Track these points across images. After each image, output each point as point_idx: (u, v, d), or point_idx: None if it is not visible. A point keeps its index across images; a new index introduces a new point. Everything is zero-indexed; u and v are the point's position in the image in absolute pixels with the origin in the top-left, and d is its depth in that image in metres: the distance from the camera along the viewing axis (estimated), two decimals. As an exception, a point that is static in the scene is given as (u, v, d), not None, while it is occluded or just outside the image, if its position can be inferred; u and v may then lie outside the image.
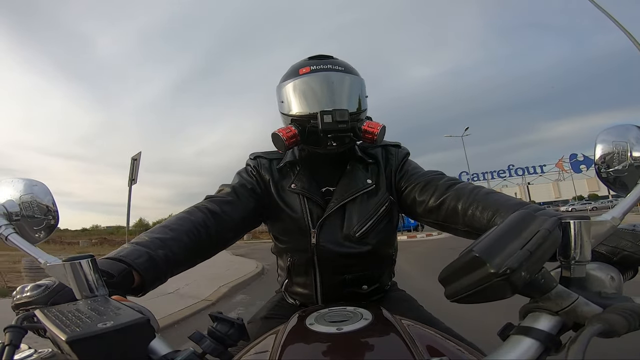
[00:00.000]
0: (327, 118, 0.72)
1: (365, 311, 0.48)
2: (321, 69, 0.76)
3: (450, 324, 0.70)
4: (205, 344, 0.34)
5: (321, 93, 0.76)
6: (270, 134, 0.76)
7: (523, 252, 0.28)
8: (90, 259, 0.37)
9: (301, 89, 0.77)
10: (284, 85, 0.79)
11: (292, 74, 0.79)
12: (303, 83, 0.77)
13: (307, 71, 0.77)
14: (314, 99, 0.76)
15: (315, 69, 0.77)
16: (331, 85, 0.76)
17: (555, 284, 0.32)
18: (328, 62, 0.78)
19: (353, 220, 0.74)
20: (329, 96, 0.76)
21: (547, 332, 0.32)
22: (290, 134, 0.74)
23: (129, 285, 0.50)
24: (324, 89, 0.76)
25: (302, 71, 0.77)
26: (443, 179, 0.73)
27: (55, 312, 0.31)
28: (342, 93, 0.77)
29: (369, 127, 0.74)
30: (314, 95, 0.76)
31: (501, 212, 0.59)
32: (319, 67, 0.77)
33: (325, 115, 0.72)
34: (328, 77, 0.76)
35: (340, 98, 0.76)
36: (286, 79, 0.80)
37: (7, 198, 0.47)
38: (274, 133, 0.75)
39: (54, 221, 0.49)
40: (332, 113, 0.72)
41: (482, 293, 0.29)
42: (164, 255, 0.56)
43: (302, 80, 0.77)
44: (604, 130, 0.45)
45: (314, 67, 0.77)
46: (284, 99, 0.80)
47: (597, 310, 0.32)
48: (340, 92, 0.77)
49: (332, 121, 0.71)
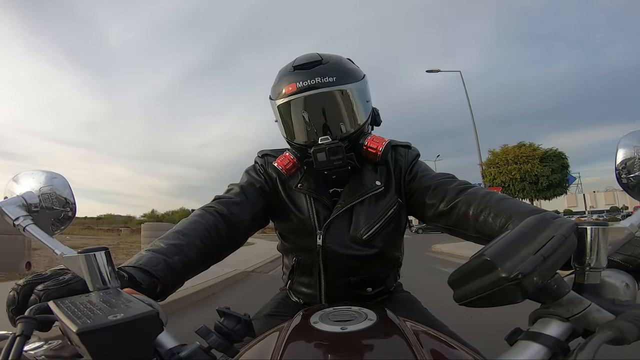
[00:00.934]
0: (320, 156, 0.68)
1: (370, 311, 0.48)
2: (307, 86, 0.68)
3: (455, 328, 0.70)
4: (212, 339, 0.35)
5: (311, 121, 0.71)
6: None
7: (536, 257, 0.28)
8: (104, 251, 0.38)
9: (289, 114, 0.73)
10: (273, 103, 0.74)
11: (279, 88, 0.72)
12: (290, 107, 0.72)
13: (292, 90, 0.69)
14: (303, 128, 0.72)
15: (302, 86, 0.68)
16: (319, 111, 0.70)
17: (567, 290, 0.31)
18: (315, 75, 0.68)
19: (360, 223, 0.73)
20: (319, 125, 0.71)
21: (556, 338, 0.32)
22: (289, 165, 0.74)
23: (153, 292, 0.51)
24: (314, 116, 0.70)
25: (288, 89, 0.69)
26: (454, 183, 0.71)
27: (68, 303, 0.32)
28: (335, 115, 0.71)
29: (373, 142, 0.72)
30: (303, 124, 0.72)
31: (514, 218, 0.58)
32: (305, 83, 0.68)
33: (318, 154, 0.68)
34: (315, 101, 0.69)
35: (333, 122, 0.71)
36: (275, 95, 0.74)
37: (26, 189, 0.48)
38: (271, 164, 0.75)
39: (71, 213, 0.50)
40: (325, 150, 0.68)
41: (491, 297, 0.29)
42: (180, 261, 0.56)
43: (289, 104, 0.71)
44: (627, 135, 0.43)
45: (300, 83, 0.68)
46: (276, 117, 0.77)
47: (609, 317, 0.31)
48: (333, 114, 0.71)
49: (326, 159, 0.68)
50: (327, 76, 0.68)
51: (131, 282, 0.47)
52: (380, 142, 0.72)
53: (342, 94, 0.70)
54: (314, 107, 0.70)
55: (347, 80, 0.70)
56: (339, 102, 0.70)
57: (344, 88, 0.69)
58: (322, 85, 0.68)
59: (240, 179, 0.82)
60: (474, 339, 0.60)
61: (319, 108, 0.70)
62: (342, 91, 0.69)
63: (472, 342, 0.56)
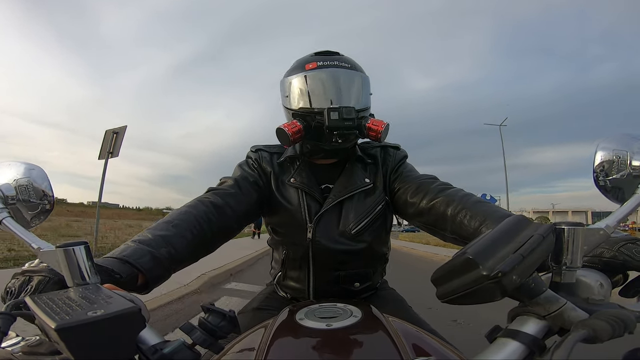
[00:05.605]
0: (333, 115, 0.72)
1: (355, 308, 0.48)
2: (328, 65, 0.77)
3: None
4: (196, 335, 0.34)
5: (328, 89, 0.76)
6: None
7: (516, 256, 0.28)
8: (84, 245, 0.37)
9: (307, 84, 0.77)
10: (290, 79, 0.79)
11: (298, 68, 0.79)
12: (309, 78, 0.77)
13: (313, 67, 0.77)
14: (320, 95, 0.76)
15: (322, 64, 0.77)
16: (338, 82, 0.76)
17: (544, 289, 0.32)
18: (335, 59, 0.78)
19: (350, 217, 0.75)
20: (335, 93, 0.76)
21: (533, 336, 0.33)
22: (295, 129, 0.74)
23: (134, 284, 0.50)
24: (331, 85, 0.76)
25: (309, 66, 0.77)
26: (435, 183, 0.74)
27: (46, 299, 0.31)
28: (349, 90, 0.77)
29: (374, 124, 0.74)
30: (320, 91, 0.76)
31: (488, 222, 0.60)
32: (325, 63, 0.77)
33: (332, 112, 0.72)
34: (335, 74, 0.76)
35: (346, 95, 0.76)
36: (292, 73, 0.80)
37: (4, 181, 0.47)
38: (279, 128, 0.74)
39: (49, 206, 0.49)
40: (339, 110, 0.72)
41: (472, 295, 0.29)
42: (167, 253, 0.56)
43: (309, 76, 0.77)
44: (605, 137, 0.44)
45: (321, 62, 0.77)
46: (288, 93, 0.80)
47: (583, 315, 0.32)
48: (347, 89, 0.77)
49: (339, 118, 0.72)
50: (344, 62, 0.78)
51: (112, 277, 0.46)
52: (380, 124, 0.74)
53: (356, 77, 0.78)
54: (332, 78, 0.77)
55: (360, 70, 0.80)
56: (354, 81, 0.78)
57: (358, 74, 0.79)
58: (341, 67, 0.77)
59: (233, 172, 0.83)
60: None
61: (337, 80, 0.77)
62: (356, 74, 0.78)
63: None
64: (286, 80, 0.80)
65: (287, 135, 0.73)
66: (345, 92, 0.76)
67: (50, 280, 0.37)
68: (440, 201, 0.69)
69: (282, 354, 0.40)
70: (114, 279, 0.46)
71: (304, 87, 0.77)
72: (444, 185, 0.74)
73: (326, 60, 0.77)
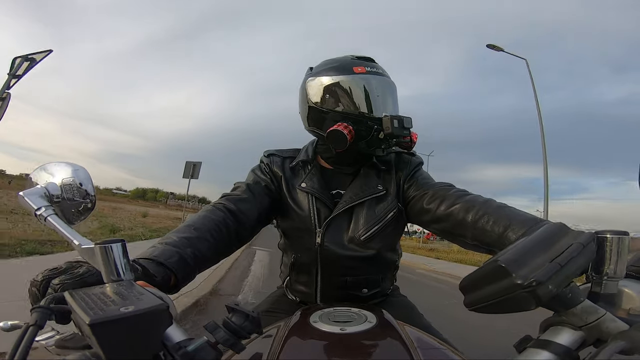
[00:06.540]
0: (396, 123, 0.72)
1: (370, 314, 0.48)
2: (375, 72, 0.77)
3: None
4: (219, 335, 0.35)
5: (383, 96, 0.77)
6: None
7: (553, 265, 0.27)
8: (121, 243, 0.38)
9: (362, 88, 0.76)
10: (335, 80, 0.76)
11: (342, 70, 0.77)
12: (364, 82, 0.76)
13: (362, 71, 0.76)
14: (376, 101, 0.76)
15: (370, 70, 0.77)
16: (387, 90, 0.78)
17: (582, 299, 0.31)
18: (377, 66, 0.79)
19: (360, 224, 0.75)
20: (390, 101, 0.78)
21: (567, 347, 0.31)
22: (352, 133, 0.73)
23: (167, 285, 0.52)
24: (386, 93, 0.77)
25: (358, 70, 0.76)
26: (453, 189, 0.72)
27: (82, 294, 0.32)
28: (395, 99, 0.79)
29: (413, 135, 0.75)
30: (376, 97, 0.76)
31: (513, 226, 0.57)
32: (373, 69, 0.77)
33: (395, 120, 0.72)
34: (386, 82, 0.78)
35: (395, 104, 0.79)
36: (336, 74, 0.77)
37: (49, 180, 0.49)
38: (333, 129, 0.73)
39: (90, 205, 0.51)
40: (399, 119, 0.73)
41: (503, 304, 0.28)
42: (192, 253, 0.57)
43: (364, 79, 0.76)
44: None
45: (369, 68, 0.77)
46: (330, 93, 0.77)
47: (623, 327, 0.30)
48: (394, 98, 0.79)
49: (399, 127, 0.72)
50: (384, 71, 0.80)
51: (145, 275, 0.47)
52: (415, 136, 0.75)
53: (394, 86, 0.81)
54: (386, 87, 0.78)
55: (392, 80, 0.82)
56: (395, 91, 0.81)
57: (394, 84, 0.81)
58: (385, 75, 0.79)
59: (246, 177, 0.84)
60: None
61: (388, 87, 0.79)
62: (394, 84, 0.81)
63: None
64: (326, 80, 0.77)
65: (346, 137, 0.72)
66: (394, 102, 0.79)
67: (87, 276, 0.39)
68: (459, 207, 0.67)
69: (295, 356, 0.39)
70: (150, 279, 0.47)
71: (357, 90, 0.76)
72: (462, 191, 0.72)
73: (372, 67, 0.77)
